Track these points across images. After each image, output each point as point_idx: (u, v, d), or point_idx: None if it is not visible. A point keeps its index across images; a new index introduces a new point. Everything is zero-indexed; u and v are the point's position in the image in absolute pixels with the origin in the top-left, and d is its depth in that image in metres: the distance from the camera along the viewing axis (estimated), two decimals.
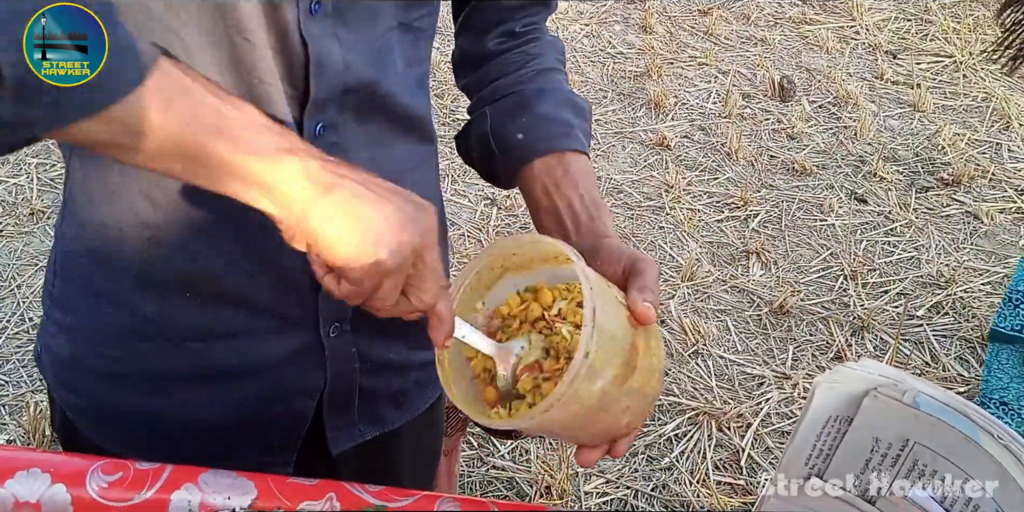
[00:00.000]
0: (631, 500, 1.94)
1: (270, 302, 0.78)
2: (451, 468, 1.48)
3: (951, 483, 0.61)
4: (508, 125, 0.84)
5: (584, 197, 0.79)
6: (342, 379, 0.85)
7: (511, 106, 0.86)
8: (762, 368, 2.31)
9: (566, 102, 0.87)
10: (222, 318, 0.78)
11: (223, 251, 0.75)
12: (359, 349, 0.85)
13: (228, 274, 0.76)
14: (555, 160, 0.81)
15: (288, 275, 0.76)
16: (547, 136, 0.83)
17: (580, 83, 3.40)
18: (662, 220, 2.78)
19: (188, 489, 0.71)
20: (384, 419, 0.93)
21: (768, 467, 2.03)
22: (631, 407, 0.68)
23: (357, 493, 0.72)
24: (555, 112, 0.84)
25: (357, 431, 0.90)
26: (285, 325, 0.80)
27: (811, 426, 0.64)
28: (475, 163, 0.90)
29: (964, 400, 0.60)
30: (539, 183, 0.81)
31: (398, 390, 0.92)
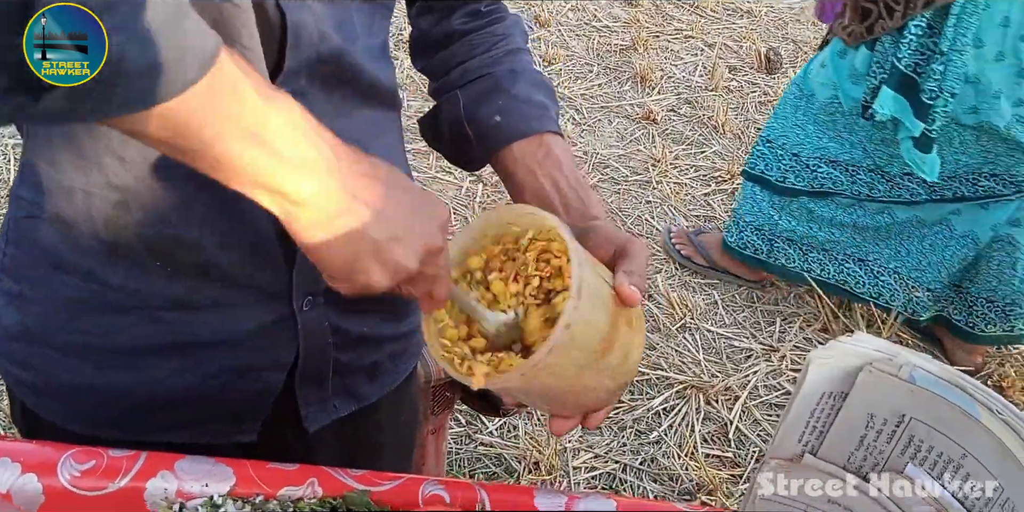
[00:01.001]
0: (619, 474, 1.93)
1: (244, 273, 0.76)
2: (439, 446, 1.46)
3: (948, 459, 0.60)
4: (483, 108, 0.83)
5: (570, 178, 0.79)
6: (315, 353, 0.84)
7: (484, 89, 0.85)
8: (749, 341, 2.30)
9: (539, 83, 0.86)
10: (194, 289, 0.76)
11: (197, 218, 0.72)
12: (332, 323, 0.83)
13: (202, 243, 0.73)
14: (535, 142, 0.81)
15: (263, 245, 0.75)
16: (525, 118, 0.82)
17: (566, 57, 3.36)
18: (649, 194, 2.76)
19: (164, 477, 0.69)
20: (359, 393, 0.92)
21: (756, 440, 2.03)
22: (607, 382, 0.69)
23: (339, 477, 0.70)
24: (530, 93, 0.84)
25: (332, 406, 0.89)
26: (258, 297, 0.78)
27: (804, 402, 0.63)
28: (443, 146, 0.89)
29: (961, 374, 0.59)
30: (521, 165, 0.80)
31: (372, 363, 0.91)
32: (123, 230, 0.72)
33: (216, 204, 0.72)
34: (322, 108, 0.73)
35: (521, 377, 0.62)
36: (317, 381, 0.86)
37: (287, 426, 0.87)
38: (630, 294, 0.66)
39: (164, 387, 0.80)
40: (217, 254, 0.74)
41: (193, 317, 0.77)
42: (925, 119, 1.89)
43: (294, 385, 0.85)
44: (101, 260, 0.74)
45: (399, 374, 0.97)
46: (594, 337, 0.64)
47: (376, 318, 0.89)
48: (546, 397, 0.69)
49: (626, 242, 0.71)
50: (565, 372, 0.64)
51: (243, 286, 0.77)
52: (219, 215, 0.73)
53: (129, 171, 0.69)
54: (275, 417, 0.86)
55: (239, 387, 0.82)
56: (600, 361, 0.66)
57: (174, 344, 0.78)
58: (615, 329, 0.66)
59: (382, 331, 0.91)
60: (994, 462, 0.58)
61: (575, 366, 0.64)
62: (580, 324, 0.62)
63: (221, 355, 0.80)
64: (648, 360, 2.20)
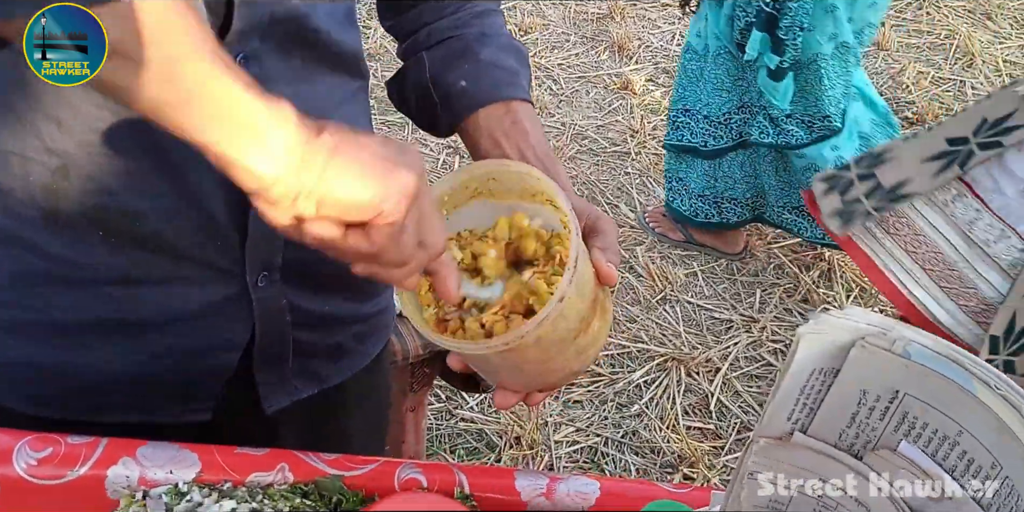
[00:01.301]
0: (601, 448, 1.92)
1: (192, 247, 0.72)
2: (418, 424, 1.44)
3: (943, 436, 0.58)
4: (449, 72, 0.79)
5: (536, 148, 0.76)
6: (272, 332, 0.80)
7: (451, 52, 0.81)
8: (730, 312, 2.29)
9: (509, 47, 0.82)
10: (139, 263, 0.72)
11: (143, 186, 0.68)
12: (291, 301, 0.80)
13: (148, 213, 0.69)
14: (502, 109, 0.77)
15: (213, 217, 0.71)
16: (492, 84, 0.78)
17: (542, 26, 3.30)
18: (627, 166, 2.73)
19: (126, 464, 0.66)
20: (320, 375, 0.89)
21: (737, 411, 2.02)
22: (572, 364, 0.67)
23: (311, 462, 0.67)
24: (499, 58, 0.80)
25: (292, 388, 0.86)
26: (208, 273, 0.74)
27: (794, 379, 0.60)
28: (411, 111, 0.85)
29: (958, 348, 0.56)
30: (486, 133, 0.77)
31: (335, 344, 0.88)
32: (63, 198, 0.68)
33: (162, 173, 0.68)
34: (279, 73, 0.69)
35: (504, 347, 0.59)
36: (276, 362, 0.83)
37: (247, 407, 0.84)
38: (609, 272, 0.64)
39: (111, 366, 0.77)
40: (163, 226, 0.70)
41: (139, 293, 0.73)
42: (781, 53, 2.03)
43: (252, 366, 0.82)
44: (40, 230, 0.70)
45: (365, 356, 0.94)
46: (577, 314, 0.62)
47: (339, 298, 0.86)
48: (514, 370, 0.66)
49: (596, 218, 0.69)
50: (546, 346, 0.62)
51: (192, 261, 0.73)
52: (165, 184, 0.69)
53: (67, 135, 0.65)
54: (234, 397, 0.83)
55: (190, 367, 0.79)
56: (575, 341, 0.64)
57: (120, 322, 0.75)
58: (592, 308, 0.64)
59: (345, 311, 0.87)
60: (992, 439, 0.55)
61: (556, 341, 0.62)
62: (570, 298, 0.60)
63: (170, 334, 0.76)
64: (629, 333, 2.19)
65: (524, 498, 0.67)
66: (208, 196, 0.69)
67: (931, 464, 0.59)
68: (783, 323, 2.27)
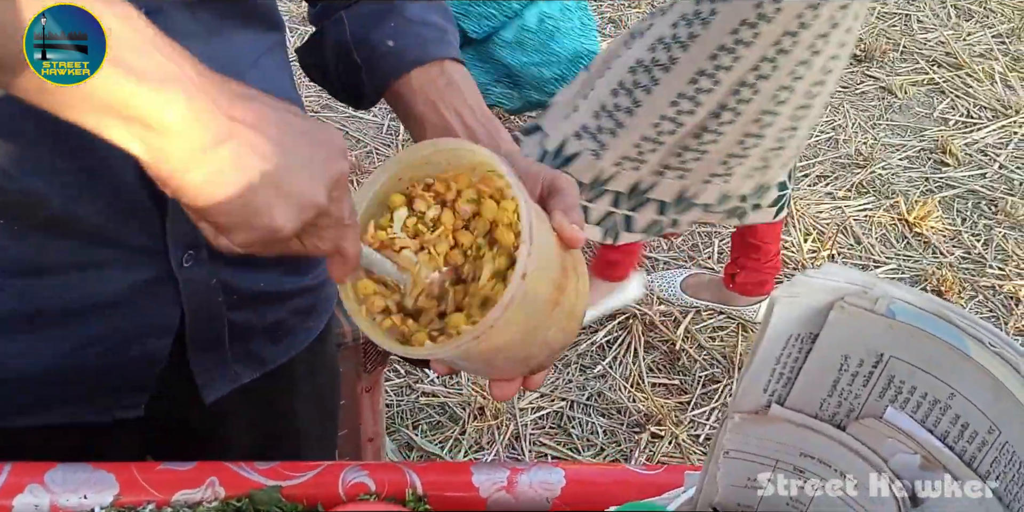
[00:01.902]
0: (567, 412, 1.88)
1: (106, 228, 0.65)
2: (375, 404, 1.37)
3: (933, 400, 0.53)
4: (373, 32, 0.72)
5: (476, 111, 0.69)
6: (204, 315, 0.74)
7: (374, 9, 0.74)
8: (689, 264, 2.25)
9: (434, 4, 0.75)
10: (48, 249, 0.65)
11: (43, 166, 0.61)
12: (222, 279, 0.73)
13: (52, 194, 0.62)
14: (436, 70, 0.71)
15: (126, 194, 0.64)
16: (422, 43, 0.71)
17: None
18: None
19: (33, 491, 0.58)
20: (262, 357, 0.82)
21: (703, 363, 1.99)
22: (557, 337, 0.60)
23: (244, 473, 0.60)
24: (425, 15, 0.73)
25: (233, 373, 0.80)
26: (127, 255, 0.67)
27: (769, 348, 0.55)
28: (329, 79, 0.78)
29: (948, 304, 0.51)
30: (421, 96, 0.70)
31: (274, 323, 0.82)
32: None
33: (63, 150, 0.60)
34: (186, 28, 0.61)
35: (473, 341, 0.53)
36: (211, 346, 0.76)
37: (185, 399, 0.78)
38: (573, 234, 0.58)
39: (24, 363, 0.69)
40: (71, 207, 0.63)
41: (52, 281, 0.66)
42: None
43: (186, 352, 0.75)
44: None
45: (309, 333, 0.88)
46: (546, 287, 0.56)
47: (276, 272, 0.79)
48: (491, 361, 0.59)
49: (553, 178, 0.62)
50: (517, 330, 0.56)
51: (106, 243, 0.66)
52: (69, 162, 0.61)
53: None
54: (169, 388, 0.76)
55: (116, 358, 0.72)
56: (551, 314, 0.58)
57: (30, 314, 0.67)
58: (564, 275, 0.58)
59: (283, 286, 0.81)
60: (987, 401, 0.50)
61: (528, 322, 0.56)
62: (534, 273, 0.53)
63: (90, 323, 0.69)
64: None
65: (483, 494, 0.61)
66: (118, 171, 0.62)
67: (921, 430, 0.54)
68: None
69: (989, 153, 2.62)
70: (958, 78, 2.88)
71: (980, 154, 2.61)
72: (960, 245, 2.34)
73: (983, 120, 2.73)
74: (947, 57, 2.96)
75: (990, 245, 2.33)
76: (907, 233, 2.37)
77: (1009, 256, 2.30)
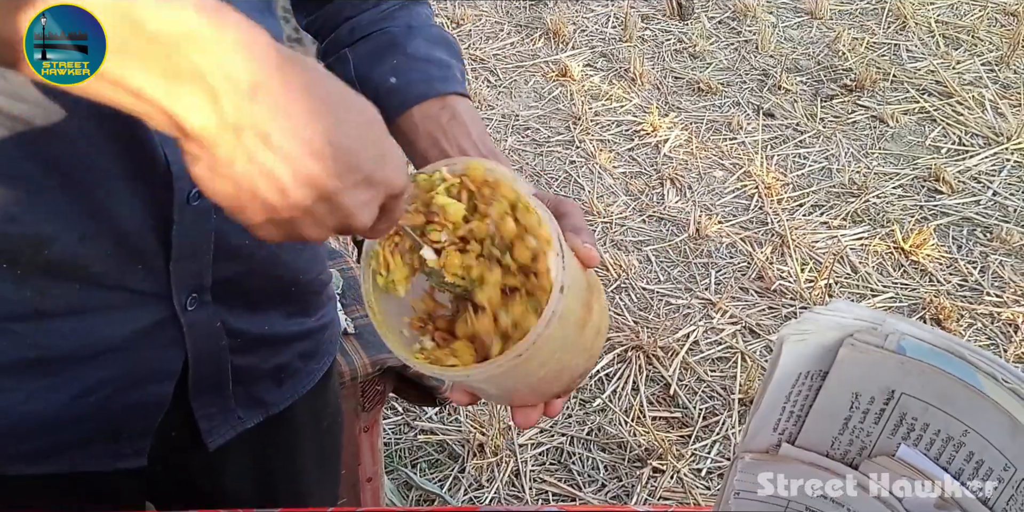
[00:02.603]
0: (567, 447, 1.86)
1: (109, 271, 0.64)
2: (373, 444, 1.35)
3: (947, 437, 0.52)
4: (376, 69, 0.72)
5: (479, 145, 0.69)
6: (208, 359, 0.73)
7: (377, 47, 0.74)
8: (686, 296, 2.24)
9: (438, 39, 0.75)
10: (51, 293, 0.64)
11: (48, 209, 0.60)
12: (225, 323, 0.72)
13: (56, 238, 0.61)
14: (438, 105, 0.70)
15: (130, 236, 0.63)
16: (424, 79, 0.71)
17: (474, 17, 3.22)
18: (573, 154, 2.66)
19: None
20: (265, 401, 0.81)
21: (703, 396, 1.97)
22: (581, 361, 0.60)
23: None
24: (429, 51, 0.73)
25: (236, 418, 0.79)
26: (130, 299, 0.66)
27: (779, 386, 0.54)
28: None
29: (958, 339, 0.50)
30: (423, 132, 0.70)
31: (277, 366, 0.80)
32: None
33: (68, 192, 0.60)
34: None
35: (516, 359, 0.52)
36: (214, 390, 0.75)
37: (186, 445, 0.76)
38: (589, 253, 0.58)
39: (26, 410, 0.68)
40: (75, 251, 0.62)
41: (53, 326, 0.65)
42: None
43: (188, 397, 0.73)
44: None
45: (312, 376, 0.86)
46: (578, 304, 0.55)
47: (279, 315, 0.78)
48: (523, 383, 0.58)
49: (558, 202, 0.63)
50: (555, 348, 0.55)
51: (109, 286, 0.65)
52: (73, 205, 0.60)
53: None
54: (170, 435, 0.75)
55: (118, 404, 0.70)
56: (583, 332, 0.57)
57: (31, 360, 0.66)
58: (591, 293, 0.58)
59: (287, 329, 0.80)
60: (1003, 438, 0.49)
61: (564, 340, 0.55)
62: (569, 288, 0.53)
63: (92, 369, 0.68)
64: None
65: None
66: (123, 214, 0.62)
67: (935, 468, 0.53)
68: (739, 303, 2.23)
69: (982, 180, 2.63)
70: (949, 106, 2.90)
71: (973, 181, 2.62)
72: (957, 273, 2.34)
73: (975, 147, 2.74)
74: (937, 85, 2.99)
75: (987, 272, 2.33)
76: (903, 261, 2.37)
77: (1006, 283, 2.30)
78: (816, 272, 2.29)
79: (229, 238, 0.69)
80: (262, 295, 0.75)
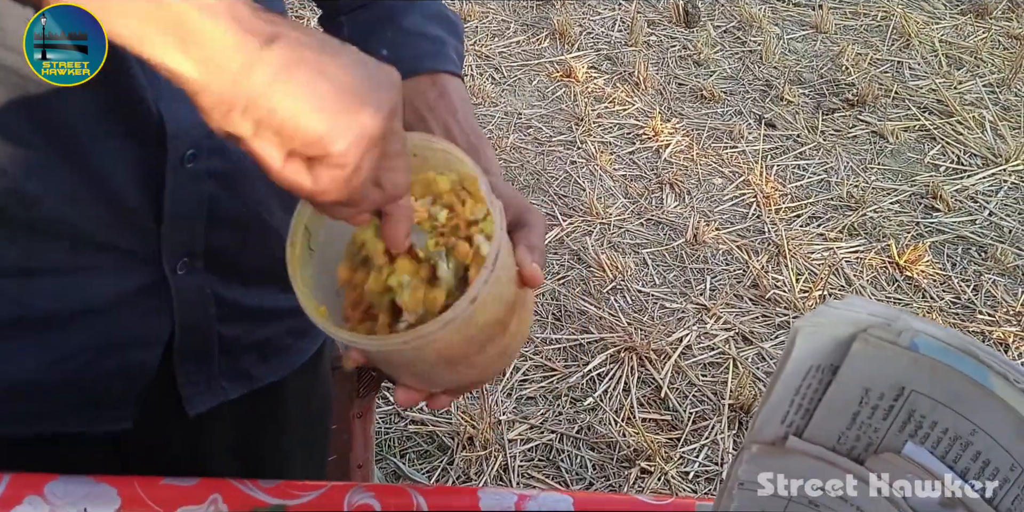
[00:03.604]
0: (556, 444, 1.86)
1: (98, 231, 0.64)
2: (367, 431, 1.35)
3: (954, 436, 0.52)
4: (369, 39, 0.72)
5: (464, 127, 0.68)
6: (194, 327, 0.72)
7: (373, 17, 0.74)
8: (681, 300, 2.25)
9: (437, 15, 0.75)
10: (37, 251, 0.63)
11: (38, 168, 0.60)
12: (215, 292, 0.72)
13: (45, 197, 0.61)
14: (427, 81, 0.70)
15: (122, 197, 0.63)
16: (416, 54, 0.71)
17: (481, 14, 3.22)
18: (574, 155, 2.67)
19: (32, 503, 0.57)
20: (251, 374, 0.81)
21: (693, 400, 1.98)
22: (476, 370, 0.59)
23: (247, 491, 0.59)
24: (424, 26, 0.73)
25: (219, 387, 0.78)
26: (119, 260, 0.66)
27: (790, 378, 0.54)
28: None
29: (971, 339, 0.51)
30: (409, 107, 0.69)
31: (265, 340, 0.80)
32: None
33: (59, 152, 0.59)
34: None
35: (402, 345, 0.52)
36: (200, 359, 0.75)
37: (167, 410, 0.76)
38: (534, 274, 0.56)
39: (9, 369, 0.68)
40: (64, 210, 0.62)
41: (39, 285, 0.65)
42: None
43: (172, 364, 0.73)
44: None
45: (301, 354, 0.86)
46: (490, 319, 0.54)
47: (273, 289, 0.78)
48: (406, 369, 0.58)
49: (524, 211, 0.61)
50: (447, 350, 0.55)
51: (97, 247, 0.65)
52: (64, 165, 0.60)
53: None
54: (154, 401, 0.75)
55: (104, 367, 0.70)
56: (484, 348, 0.56)
57: (18, 319, 0.65)
58: (510, 313, 0.56)
59: (280, 304, 0.79)
60: (1011, 439, 0.50)
61: (459, 348, 0.55)
62: (484, 300, 0.52)
63: (76, 330, 0.67)
64: (578, 324, 2.13)
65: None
66: (115, 175, 0.61)
67: (941, 466, 0.54)
68: (734, 309, 2.24)
69: (979, 200, 2.65)
70: (949, 125, 2.92)
71: (970, 201, 2.64)
72: (950, 290, 2.36)
73: (973, 167, 2.77)
74: (938, 104, 3.01)
75: (980, 291, 2.35)
76: (897, 276, 2.38)
77: (999, 302, 2.32)
78: (811, 283, 2.31)
79: (223, 204, 0.68)
80: (256, 268, 0.75)
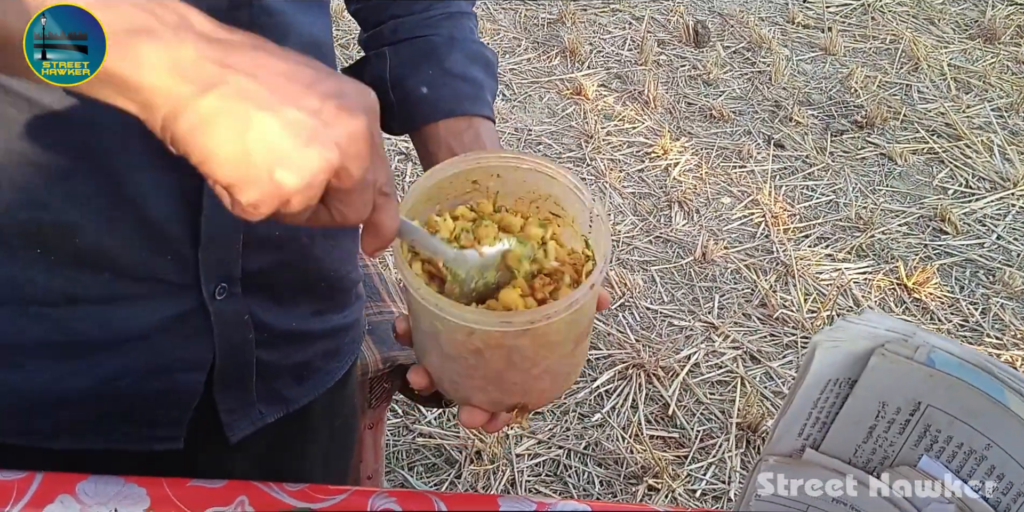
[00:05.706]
0: (564, 460, 1.87)
1: (138, 261, 0.65)
2: (377, 441, 1.37)
3: (969, 450, 0.53)
4: (411, 76, 0.75)
5: None
6: (234, 351, 0.73)
7: (416, 53, 0.76)
8: (689, 318, 2.26)
9: (477, 56, 0.77)
10: (80, 280, 0.65)
11: (77, 196, 0.61)
12: (253, 316, 0.73)
13: (86, 226, 0.62)
14: (464, 123, 0.73)
15: (159, 225, 0.64)
16: (455, 96, 0.74)
17: (492, 31, 3.25)
18: (583, 172, 2.69)
19: (64, 502, 0.58)
20: (286, 397, 0.82)
21: (701, 418, 1.99)
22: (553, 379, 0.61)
23: (273, 494, 0.60)
24: (465, 68, 0.76)
25: (257, 412, 0.79)
26: (159, 289, 0.67)
27: (808, 392, 0.56)
28: None
29: (987, 355, 0.52)
30: (444, 145, 0.73)
31: (300, 363, 0.81)
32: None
33: (97, 179, 0.61)
34: None
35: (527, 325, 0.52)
36: (238, 384, 0.76)
37: (205, 434, 0.77)
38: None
39: (58, 389, 0.69)
40: (103, 239, 0.63)
41: (83, 313, 0.66)
42: None
43: (212, 389, 0.74)
44: None
45: (332, 375, 0.87)
46: (585, 321, 0.57)
47: (307, 311, 0.79)
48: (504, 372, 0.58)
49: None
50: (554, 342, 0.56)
51: (138, 277, 0.66)
52: (102, 192, 0.62)
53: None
54: (197, 424, 0.76)
55: (154, 387, 0.71)
56: (573, 351, 0.59)
57: (61, 343, 0.67)
58: (591, 324, 0.60)
59: (313, 326, 0.81)
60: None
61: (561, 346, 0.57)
62: (591, 297, 0.55)
63: (120, 355, 0.69)
64: None
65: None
66: (151, 202, 0.63)
67: (955, 480, 0.55)
68: (741, 328, 2.25)
69: (987, 223, 2.66)
70: (957, 148, 2.94)
71: (978, 224, 2.66)
72: (958, 312, 2.36)
73: (981, 191, 2.78)
74: (947, 128, 3.03)
75: (988, 314, 2.35)
76: (905, 298, 2.39)
77: (1007, 326, 2.32)
78: (819, 303, 2.31)
79: (258, 227, 0.70)
80: (290, 288, 0.76)
